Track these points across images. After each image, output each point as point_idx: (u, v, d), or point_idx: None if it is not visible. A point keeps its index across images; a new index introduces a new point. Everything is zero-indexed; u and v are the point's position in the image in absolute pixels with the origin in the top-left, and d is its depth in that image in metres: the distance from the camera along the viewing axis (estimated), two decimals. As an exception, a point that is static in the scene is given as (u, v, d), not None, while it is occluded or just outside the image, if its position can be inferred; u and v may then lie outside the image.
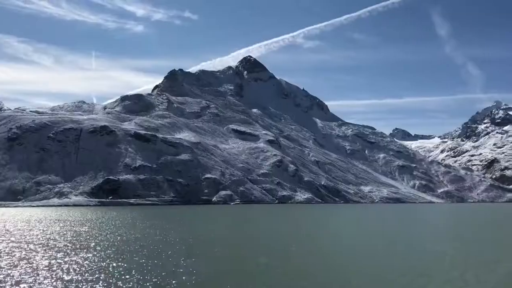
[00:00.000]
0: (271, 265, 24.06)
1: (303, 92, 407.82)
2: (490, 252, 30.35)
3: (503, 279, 20.79)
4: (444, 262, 25.30)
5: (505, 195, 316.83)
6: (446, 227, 61.39)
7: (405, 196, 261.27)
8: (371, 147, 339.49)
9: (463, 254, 29.60)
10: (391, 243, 36.51)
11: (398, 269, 23.47)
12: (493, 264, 24.80)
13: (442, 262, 25.25)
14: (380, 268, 23.51)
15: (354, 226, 59.19)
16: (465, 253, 29.78)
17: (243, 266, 23.80)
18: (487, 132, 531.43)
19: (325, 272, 22.24)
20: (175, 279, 19.78)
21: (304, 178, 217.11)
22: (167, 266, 23.19)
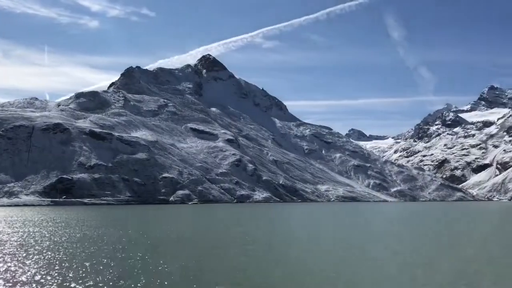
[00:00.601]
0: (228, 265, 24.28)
1: (262, 92, 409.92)
2: (428, 249, 31.73)
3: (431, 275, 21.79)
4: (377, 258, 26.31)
5: (455, 194, 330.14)
6: (389, 225, 63.44)
7: (360, 195, 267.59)
8: (328, 147, 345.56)
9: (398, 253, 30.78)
10: (339, 240, 37.55)
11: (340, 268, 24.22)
12: (434, 262, 25.96)
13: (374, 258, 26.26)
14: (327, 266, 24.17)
15: (307, 225, 60.25)
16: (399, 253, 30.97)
17: (197, 266, 23.90)
18: (438, 133, 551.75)
19: (273, 271, 22.66)
20: (128, 280, 19.66)
21: (262, 177, 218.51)
22: (121, 265, 23.00)
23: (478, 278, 20.76)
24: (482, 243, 35.51)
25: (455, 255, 28.02)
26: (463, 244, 34.76)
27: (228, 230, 49.04)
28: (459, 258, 26.74)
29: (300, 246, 33.36)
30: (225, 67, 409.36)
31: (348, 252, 29.17)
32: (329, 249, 31.51)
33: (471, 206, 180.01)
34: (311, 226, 58.22)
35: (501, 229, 55.64)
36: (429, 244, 35.15)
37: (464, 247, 32.56)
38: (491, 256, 27.74)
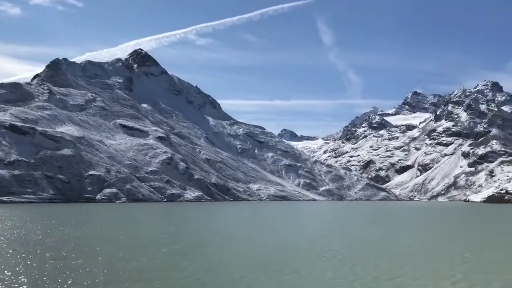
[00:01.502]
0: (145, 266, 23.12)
1: (196, 89, 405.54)
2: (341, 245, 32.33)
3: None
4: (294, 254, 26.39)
5: (379, 193, 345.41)
6: (321, 223, 64.74)
7: (291, 194, 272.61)
8: (260, 146, 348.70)
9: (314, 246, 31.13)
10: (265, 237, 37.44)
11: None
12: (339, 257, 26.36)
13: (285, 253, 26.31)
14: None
15: (235, 224, 59.90)
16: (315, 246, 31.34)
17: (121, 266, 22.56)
18: (365, 135, 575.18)
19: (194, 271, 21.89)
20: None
21: (194, 176, 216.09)
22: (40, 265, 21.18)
23: (398, 272, 21.18)
24: (409, 239, 36.79)
25: (384, 251, 28.64)
26: (392, 241, 35.81)
27: (155, 229, 47.43)
28: (388, 253, 27.35)
29: (224, 245, 32.73)
30: (157, 62, 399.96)
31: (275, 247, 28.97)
32: (253, 247, 31.12)
33: (394, 205, 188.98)
34: (240, 225, 57.87)
35: (423, 225, 58.39)
36: (363, 241, 35.85)
37: (394, 244, 33.50)
38: (410, 250, 28.63)
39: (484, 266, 23.87)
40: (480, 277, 20.72)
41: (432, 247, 31.64)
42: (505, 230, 53.53)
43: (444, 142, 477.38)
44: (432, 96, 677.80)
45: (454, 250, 30.06)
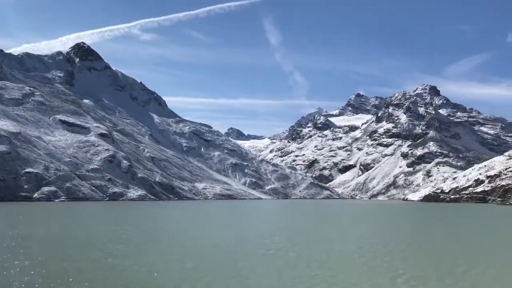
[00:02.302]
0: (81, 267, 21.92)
1: (141, 86, 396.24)
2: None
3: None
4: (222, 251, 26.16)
5: (323, 192, 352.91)
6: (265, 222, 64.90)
7: (237, 192, 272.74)
8: (207, 145, 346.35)
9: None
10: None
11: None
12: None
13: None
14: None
15: (180, 223, 58.84)
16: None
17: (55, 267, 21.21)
18: (310, 135, 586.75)
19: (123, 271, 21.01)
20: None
21: (138, 174, 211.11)
22: None
23: (333, 265, 21.31)
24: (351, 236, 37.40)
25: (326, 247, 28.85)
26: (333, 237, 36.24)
27: (95, 228, 45.50)
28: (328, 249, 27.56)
29: (168, 244, 31.81)
30: (100, 56, 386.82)
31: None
32: (197, 247, 30.44)
33: (337, 203, 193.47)
34: (184, 224, 56.85)
35: (360, 222, 59.85)
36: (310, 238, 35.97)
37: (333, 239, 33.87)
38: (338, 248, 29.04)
39: (426, 262, 24.56)
40: (420, 272, 21.19)
41: (372, 244, 32.23)
42: (439, 227, 55.90)
43: (385, 143, 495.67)
44: (374, 98, 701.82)
45: (395, 247, 30.78)
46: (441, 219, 73.02)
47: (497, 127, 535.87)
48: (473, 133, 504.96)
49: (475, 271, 21.68)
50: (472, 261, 24.62)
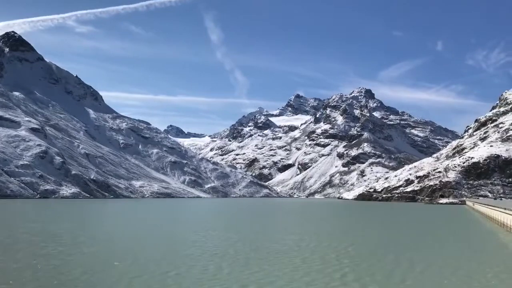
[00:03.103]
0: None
1: (76, 79, 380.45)
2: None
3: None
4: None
5: (262, 190, 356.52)
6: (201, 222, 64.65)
7: (175, 191, 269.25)
8: (145, 142, 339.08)
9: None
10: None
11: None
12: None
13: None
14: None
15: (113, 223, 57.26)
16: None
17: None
18: (251, 134, 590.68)
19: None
20: None
21: (71, 171, 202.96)
22: None
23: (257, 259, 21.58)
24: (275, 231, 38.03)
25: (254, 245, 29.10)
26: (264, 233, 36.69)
27: (21, 228, 43.21)
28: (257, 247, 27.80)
29: (98, 244, 30.85)
30: (32, 47, 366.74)
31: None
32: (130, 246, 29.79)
33: (276, 201, 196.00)
34: (118, 223, 55.35)
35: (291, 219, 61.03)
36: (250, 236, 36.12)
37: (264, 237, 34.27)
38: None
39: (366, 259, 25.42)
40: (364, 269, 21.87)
41: (309, 242, 32.93)
42: (371, 224, 58.19)
43: (322, 143, 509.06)
44: (313, 100, 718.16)
45: (330, 244, 31.61)
46: (373, 218, 75.96)
47: (426, 130, 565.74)
48: (404, 135, 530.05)
49: (404, 266, 22.66)
50: (401, 256, 25.78)
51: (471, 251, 29.87)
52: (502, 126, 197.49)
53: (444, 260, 24.99)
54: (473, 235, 43.78)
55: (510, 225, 45.27)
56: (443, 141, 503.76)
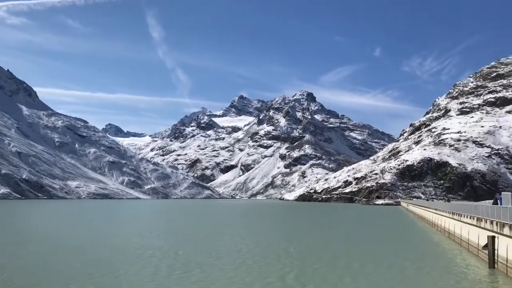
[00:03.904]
0: None
1: (8, 74, 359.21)
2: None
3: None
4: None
5: (204, 192, 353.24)
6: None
7: (113, 192, 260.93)
8: (82, 141, 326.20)
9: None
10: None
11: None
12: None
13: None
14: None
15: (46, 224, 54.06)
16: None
17: None
18: (193, 134, 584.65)
19: None
20: None
21: (1, 170, 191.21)
22: None
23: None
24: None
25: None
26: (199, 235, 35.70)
27: None
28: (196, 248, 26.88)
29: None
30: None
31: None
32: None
33: (218, 203, 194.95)
34: (55, 225, 52.26)
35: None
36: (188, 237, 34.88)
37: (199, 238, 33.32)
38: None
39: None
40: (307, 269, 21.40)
41: (248, 243, 32.32)
42: (310, 224, 58.67)
43: (265, 145, 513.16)
44: (256, 101, 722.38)
45: (269, 245, 31.12)
46: (313, 218, 76.80)
47: (364, 133, 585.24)
48: (344, 138, 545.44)
49: (341, 265, 22.53)
50: (340, 255, 25.72)
51: (405, 250, 30.62)
52: (435, 130, 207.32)
53: (379, 258, 25.60)
54: (407, 234, 44.97)
55: (440, 225, 46.93)
56: (380, 144, 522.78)
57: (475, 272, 21.75)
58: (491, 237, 22.82)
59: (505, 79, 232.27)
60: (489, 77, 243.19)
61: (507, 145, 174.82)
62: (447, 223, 42.19)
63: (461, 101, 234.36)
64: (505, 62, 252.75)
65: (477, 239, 26.90)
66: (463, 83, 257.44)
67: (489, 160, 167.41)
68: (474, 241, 27.91)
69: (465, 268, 22.95)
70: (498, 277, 20.40)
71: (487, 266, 22.66)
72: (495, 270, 21.86)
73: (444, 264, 24.35)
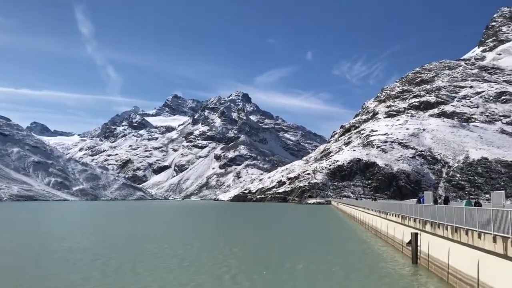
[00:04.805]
0: None
1: None
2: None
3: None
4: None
5: (135, 193, 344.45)
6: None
7: (39, 193, 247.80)
8: (4, 140, 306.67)
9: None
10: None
11: None
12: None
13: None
14: None
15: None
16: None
17: None
18: (125, 134, 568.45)
19: None
20: None
21: None
22: None
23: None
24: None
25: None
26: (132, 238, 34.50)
27: None
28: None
29: None
30: None
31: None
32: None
33: (150, 204, 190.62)
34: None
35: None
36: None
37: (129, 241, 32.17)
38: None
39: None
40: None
41: (175, 244, 31.61)
42: (244, 225, 58.71)
43: (200, 145, 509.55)
44: (191, 101, 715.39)
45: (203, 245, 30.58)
46: (249, 219, 76.96)
47: (298, 134, 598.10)
48: (278, 139, 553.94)
49: (274, 262, 22.51)
50: (273, 253, 25.72)
51: (334, 248, 31.50)
52: (364, 132, 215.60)
53: (309, 256, 26.01)
54: (336, 233, 46.10)
55: (368, 223, 48.58)
56: (313, 145, 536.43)
57: (399, 268, 22.68)
58: (414, 234, 23.74)
59: (428, 84, 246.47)
60: (414, 82, 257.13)
61: (429, 146, 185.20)
62: (374, 221, 43.68)
63: (388, 105, 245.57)
64: (428, 68, 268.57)
65: (401, 236, 27.93)
66: (390, 88, 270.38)
67: (413, 161, 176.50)
68: (399, 238, 28.97)
69: (390, 264, 23.79)
70: (420, 271, 21.41)
71: (411, 262, 23.56)
72: (418, 265, 22.88)
73: (370, 261, 25.07)
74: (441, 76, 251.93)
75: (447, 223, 18.85)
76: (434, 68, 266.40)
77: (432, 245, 21.23)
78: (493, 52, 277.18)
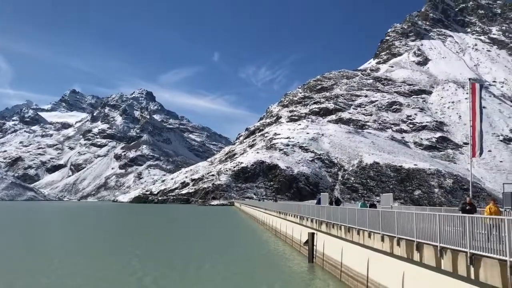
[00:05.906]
0: None
1: None
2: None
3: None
4: None
5: (26, 193, 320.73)
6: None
7: None
8: None
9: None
10: None
11: None
12: None
13: None
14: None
15: None
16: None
17: None
18: (15, 129, 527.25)
19: None
20: None
21: None
22: None
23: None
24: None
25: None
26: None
27: None
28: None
29: None
30: None
31: None
32: None
33: (41, 206, 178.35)
34: None
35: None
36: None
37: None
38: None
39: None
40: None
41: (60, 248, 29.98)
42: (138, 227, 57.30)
43: (99, 144, 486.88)
44: (90, 97, 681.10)
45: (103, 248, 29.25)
46: (148, 221, 75.20)
47: (203, 135, 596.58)
48: (182, 139, 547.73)
49: (180, 264, 22.19)
50: (177, 256, 25.33)
51: (235, 248, 32.01)
52: (267, 135, 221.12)
53: (211, 257, 26.21)
54: (238, 233, 46.71)
55: (269, 224, 49.79)
56: (218, 146, 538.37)
57: (296, 266, 23.77)
58: (311, 233, 24.78)
59: (328, 92, 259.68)
60: (315, 89, 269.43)
61: (327, 150, 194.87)
62: (274, 221, 44.88)
63: (290, 109, 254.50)
64: (328, 76, 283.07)
65: (299, 236, 28.98)
66: (292, 93, 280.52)
67: (312, 164, 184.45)
68: (297, 238, 30.04)
69: (287, 263, 24.72)
70: (315, 269, 22.58)
71: (307, 261, 24.54)
72: (314, 264, 23.97)
73: (269, 260, 25.81)
74: (339, 85, 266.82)
75: (341, 223, 19.88)
76: (334, 76, 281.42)
77: (327, 244, 22.28)
78: (386, 64, 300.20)
